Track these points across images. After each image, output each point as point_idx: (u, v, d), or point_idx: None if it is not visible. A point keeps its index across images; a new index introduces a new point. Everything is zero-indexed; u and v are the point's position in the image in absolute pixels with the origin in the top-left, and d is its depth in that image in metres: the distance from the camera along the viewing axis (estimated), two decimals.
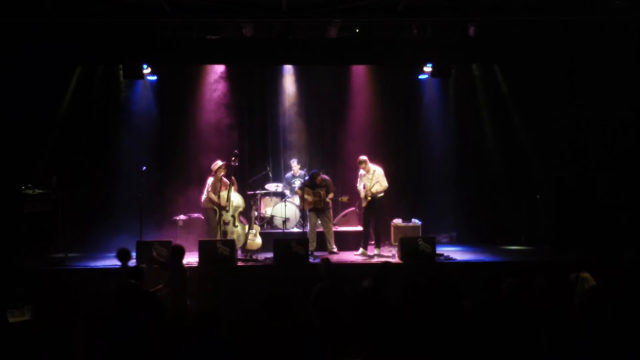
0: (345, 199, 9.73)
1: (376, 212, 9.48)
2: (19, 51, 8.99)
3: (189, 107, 11.10)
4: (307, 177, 9.89)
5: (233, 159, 9.37)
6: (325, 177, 9.65)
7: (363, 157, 9.55)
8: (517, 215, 10.83)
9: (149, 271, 7.10)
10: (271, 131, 11.51)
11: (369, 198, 9.37)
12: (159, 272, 7.27)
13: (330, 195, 9.51)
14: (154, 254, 8.09)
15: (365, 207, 9.49)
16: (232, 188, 9.39)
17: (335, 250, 9.49)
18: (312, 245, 9.33)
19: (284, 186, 10.75)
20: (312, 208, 9.53)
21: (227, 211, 9.32)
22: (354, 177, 10.81)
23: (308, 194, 9.52)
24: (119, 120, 10.84)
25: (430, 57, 9.81)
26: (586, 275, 6.20)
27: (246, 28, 9.25)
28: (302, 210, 10.02)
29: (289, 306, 4.73)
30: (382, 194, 9.43)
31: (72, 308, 7.17)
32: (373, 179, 9.37)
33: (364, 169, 9.51)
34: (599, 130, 9.95)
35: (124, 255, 7.17)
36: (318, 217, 9.56)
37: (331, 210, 9.81)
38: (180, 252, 7.25)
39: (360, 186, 9.61)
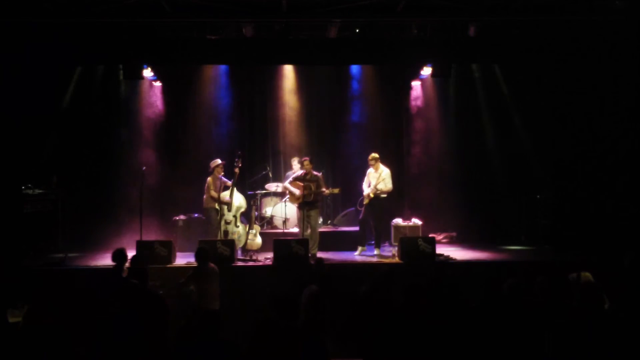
0: (336, 190, 9.67)
1: (376, 212, 9.46)
2: (19, 51, 8.98)
3: (189, 107, 11.12)
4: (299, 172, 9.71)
5: (237, 160, 9.33)
6: (316, 173, 9.53)
7: (375, 155, 9.55)
8: (517, 215, 10.84)
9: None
10: (271, 131, 11.52)
11: (372, 195, 9.37)
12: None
13: (323, 189, 9.29)
14: None
15: (366, 205, 9.48)
16: (234, 188, 9.38)
17: (315, 253, 9.08)
18: (315, 249, 9.26)
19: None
20: (302, 203, 9.30)
21: (229, 211, 9.31)
22: (354, 176, 10.84)
23: (297, 187, 9.41)
24: (119, 120, 10.84)
25: (430, 57, 9.81)
26: (586, 274, 6.19)
27: (246, 28, 9.25)
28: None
29: (296, 307, 4.75)
30: (385, 195, 9.42)
31: (72, 308, 7.16)
32: (379, 177, 9.38)
33: (373, 166, 9.49)
34: (599, 130, 9.94)
35: (119, 256, 6.98)
36: (307, 215, 9.23)
37: (319, 211, 9.70)
38: (204, 253, 7.09)
39: (365, 184, 9.60)
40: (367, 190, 9.50)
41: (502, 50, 9.68)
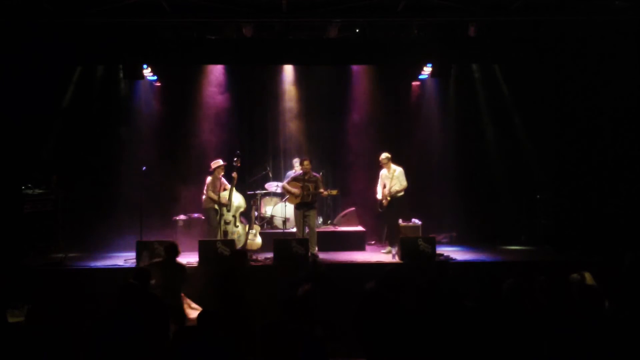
0: (334, 192, 9.72)
1: (396, 211, 9.58)
2: (19, 51, 8.98)
3: (189, 107, 11.10)
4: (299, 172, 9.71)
5: (235, 159, 9.34)
6: (315, 174, 9.54)
7: (387, 155, 9.64)
8: (517, 215, 10.83)
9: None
10: (271, 131, 11.52)
11: (389, 198, 9.48)
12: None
13: (321, 190, 9.32)
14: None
15: (387, 207, 9.58)
16: (234, 188, 9.38)
17: (316, 252, 9.19)
18: (313, 248, 9.26)
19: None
20: (300, 203, 9.34)
21: (229, 211, 9.31)
22: (354, 176, 10.84)
23: (296, 188, 9.39)
24: (119, 120, 10.84)
25: (430, 57, 9.81)
26: (586, 275, 6.19)
27: (246, 28, 9.25)
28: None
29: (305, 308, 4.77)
30: (401, 193, 9.55)
31: (72, 308, 7.16)
32: (393, 178, 9.49)
33: (385, 165, 9.57)
34: (599, 130, 9.94)
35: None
36: (304, 215, 9.30)
37: (317, 211, 9.73)
38: (173, 248, 7.16)
39: (379, 186, 9.68)
40: (381, 192, 9.60)
41: (502, 50, 9.68)
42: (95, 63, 10.31)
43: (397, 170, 9.56)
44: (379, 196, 9.71)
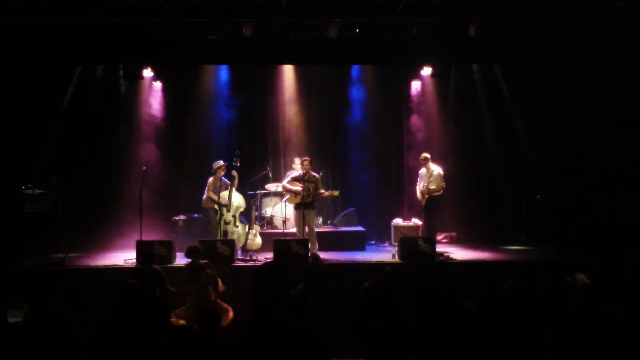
0: (336, 193, 9.75)
1: (430, 210, 9.76)
2: (18, 51, 8.98)
3: (189, 107, 11.11)
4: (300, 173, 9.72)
5: (235, 159, 9.36)
6: (315, 174, 9.55)
7: (426, 155, 9.87)
8: (517, 215, 10.83)
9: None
10: (271, 131, 11.52)
11: (427, 196, 9.68)
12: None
13: (321, 191, 9.37)
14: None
15: (425, 205, 9.80)
16: (233, 188, 9.38)
17: (315, 251, 9.18)
18: (314, 247, 9.26)
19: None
20: (299, 204, 9.35)
21: (228, 211, 9.32)
22: (354, 176, 10.83)
23: (295, 188, 9.41)
24: (119, 120, 10.85)
25: (430, 57, 9.80)
26: (581, 276, 6.19)
27: (246, 28, 9.25)
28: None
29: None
30: (438, 193, 9.74)
31: (72, 308, 7.15)
32: (431, 178, 9.66)
33: (424, 165, 9.79)
34: (599, 130, 9.94)
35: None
36: (304, 215, 9.30)
37: (316, 211, 9.74)
38: (149, 256, 7.19)
39: (418, 185, 9.88)
40: (419, 190, 9.88)
41: (502, 50, 9.68)
42: (95, 63, 10.30)
43: (436, 171, 9.77)
44: (418, 194, 9.94)
